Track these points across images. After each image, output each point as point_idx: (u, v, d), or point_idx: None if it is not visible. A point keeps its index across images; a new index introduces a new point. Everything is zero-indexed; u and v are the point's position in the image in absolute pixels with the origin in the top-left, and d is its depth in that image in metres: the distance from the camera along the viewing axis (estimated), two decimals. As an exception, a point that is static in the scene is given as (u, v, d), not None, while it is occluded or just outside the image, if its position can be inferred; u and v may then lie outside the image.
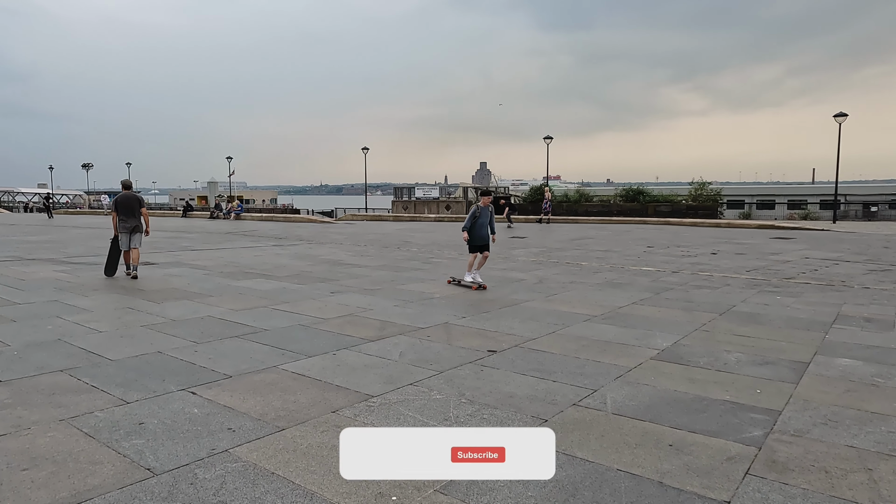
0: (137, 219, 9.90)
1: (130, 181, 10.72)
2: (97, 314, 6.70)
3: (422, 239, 18.98)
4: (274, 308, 7.14)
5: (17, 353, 5.02)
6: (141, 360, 4.89)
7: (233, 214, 35.26)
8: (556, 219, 29.90)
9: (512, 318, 6.65)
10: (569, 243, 17.34)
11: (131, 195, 10.08)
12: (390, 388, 4.23)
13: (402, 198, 46.14)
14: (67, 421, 3.56)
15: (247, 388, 4.19)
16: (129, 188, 10.31)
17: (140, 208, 10.03)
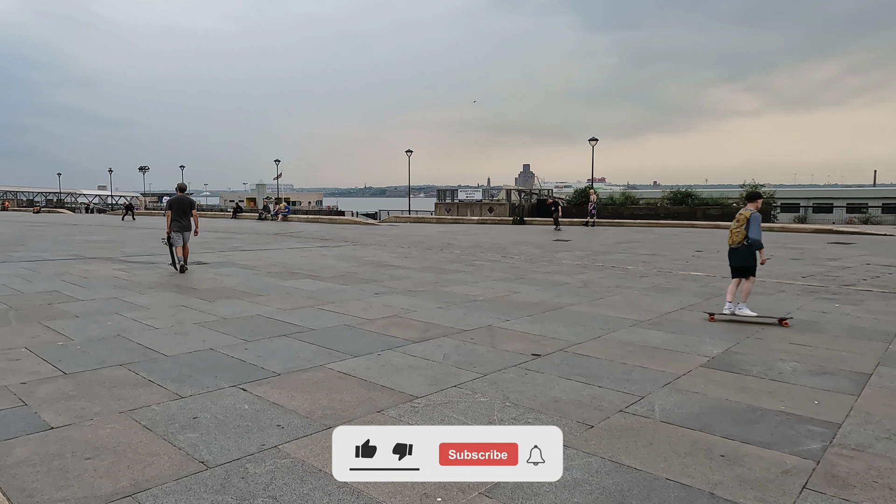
0: (188, 219, 10.72)
1: (185, 185, 11.63)
2: (153, 311, 6.97)
3: (465, 241, 18.99)
4: (320, 308, 7.27)
5: (81, 348, 5.27)
6: (194, 356, 5.06)
7: (280, 216, 36.10)
8: (601, 222, 29.45)
9: (556, 322, 6.58)
10: (614, 247, 17.05)
11: (184, 198, 11.01)
12: (434, 389, 4.25)
13: (445, 200, 46.25)
14: (127, 413, 3.71)
15: (294, 386, 4.28)
16: (183, 191, 11.33)
17: (191, 210, 10.86)
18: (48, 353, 5.07)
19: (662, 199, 40.25)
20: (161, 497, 2.69)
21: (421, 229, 27.09)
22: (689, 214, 33.72)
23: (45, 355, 4.99)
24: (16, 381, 4.30)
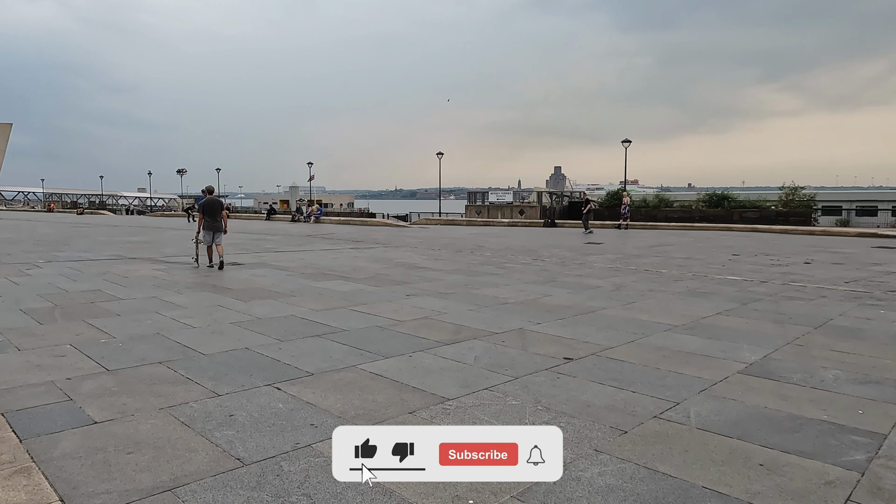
0: (219, 220, 11.51)
1: (213, 187, 12.32)
2: (191, 311, 7.14)
3: (495, 244, 18.95)
4: (352, 309, 7.34)
5: (122, 345, 5.43)
6: (230, 355, 5.16)
7: (312, 218, 36.59)
8: (634, 224, 29.04)
9: (588, 326, 6.52)
10: (647, 250, 16.79)
11: (215, 200, 11.86)
12: (466, 391, 4.25)
13: (476, 202, 46.29)
14: (166, 410, 3.81)
15: (327, 386, 4.34)
16: (212, 193, 12.18)
17: (221, 211, 11.68)
18: (91, 350, 5.24)
19: (697, 201, 39.50)
20: (199, 492, 2.75)
21: (451, 231, 27.13)
22: (725, 217, 33.00)
23: (88, 352, 5.16)
24: (62, 376, 4.46)
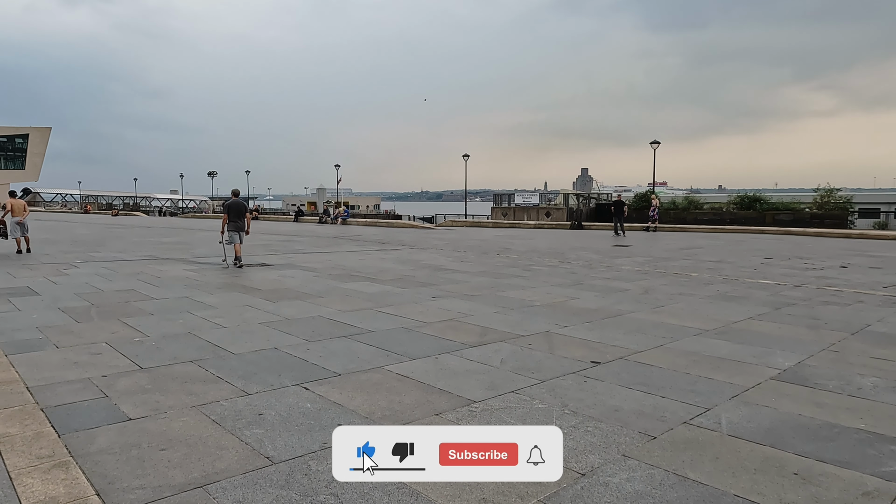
0: (242, 220, 12.17)
1: (239, 191, 13.08)
2: (221, 311, 7.27)
3: (521, 246, 18.87)
4: (378, 310, 7.39)
5: (155, 344, 5.55)
6: (259, 354, 5.24)
7: (339, 220, 36.93)
8: (662, 227, 28.63)
9: (616, 330, 6.44)
10: (677, 253, 16.54)
11: (238, 201, 12.53)
12: (492, 394, 4.24)
13: (502, 204, 46.13)
14: (197, 408, 3.89)
15: (354, 387, 4.37)
16: (237, 196, 12.83)
17: (244, 212, 12.30)
18: (126, 348, 5.37)
19: (728, 203, 38.72)
20: (230, 490, 2.80)
21: (477, 233, 27.10)
22: (757, 220, 32.31)
23: (123, 350, 5.29)
24: (98, 374, 4.58)
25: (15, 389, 4.17)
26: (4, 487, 2.79)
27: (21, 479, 2.86)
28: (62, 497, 2.70)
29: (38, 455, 3.12)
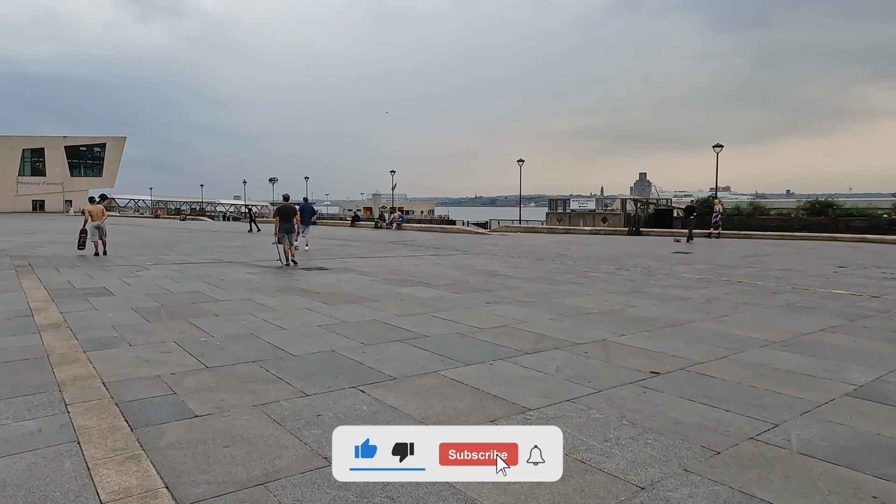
0: (292, 223, 13.19)
1: (289, 195, 14.42)
2: (281, 313, 7.48)
3: (577, 252, 18.58)
4: (433, 315, 7.43)
5: (220, 344, 5.77)
6: (317, 356, 5.36)
7: (394, 225, 37.41)
8: (725, 233, 27.58)
9: (676, 339, 6.25)
10: (741, 260, 15.89)
11: (289, 206, 13.54)
12: (547, 402, 4.19)
13: (557, 210, 45.63)
14: (259, 407, 4.01)
15: (409, 391, 4.41)
16: (288, 200, 13.96)
17: (294, 216, 13.31)
18: (192, 347, 5.61)
19: (797, 209, 36.97)
20: (289, 488, 2.87)
21: (531, 239, 26.88)
22: (829, 226, 30.68)
23: (190, 349, 5.52)
24: (167, 371, 4.80)
25: (92, 384, 4.42)
26: (83, 477, 2.96)
27: (98, 470, 3.02)
28: (134, 488, 2.84)
29: (113, 447, 3.30)
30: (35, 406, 3.97)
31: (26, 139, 78.39)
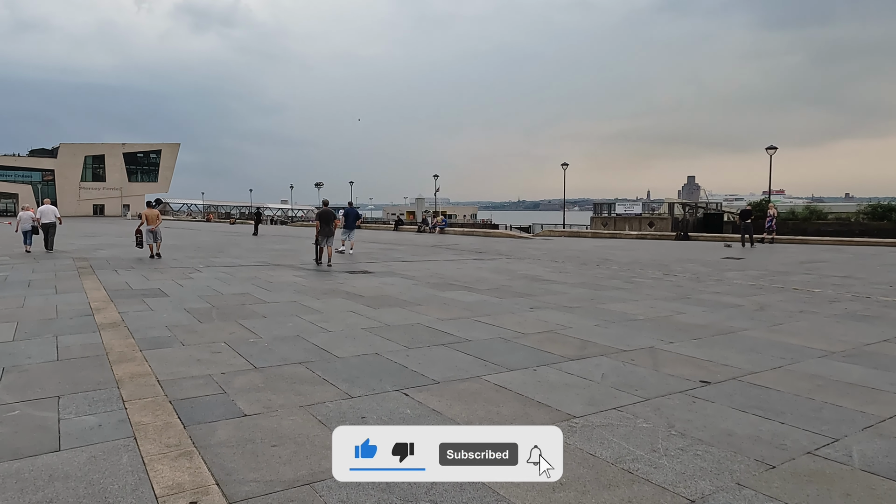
0: (331, 227, 14.19)
1: (328, 200, 15.29)
2: (326, 315, 7.61)
3: (623, 257, 18.24)
4: (476, 320, 7.41)
5: (268, 345, 5.91)
6: (362, 359, 5.42)
7: (437, 229, 37.56)
8: (779, 238, 26.57)
9: (727, 348, 6.05)
10: (796, 266, 15.28)
11: (329, 211, 14.51)
12: (592, 410, 4.12)
13: (602, 214, 44.94)
14: (305, 408, 4.08)
15: (453, 395, 4.41)
16: (327, 205, 14.95)
17: (333, 220, 14.36)
18: (242, 348, 5.76)
19: (857, 213, 35.34)
20: (335, 489, 2.91)
21: (576, 244, 26.54)
22: (892, 231, 29.19)
23: (239, 350, 5.67)
24: (217, 371, 4.94)
25: (148, 382, 4.59)
26: (139, 471, 3.08)
27: (153, 465, 3.13)
28: (187, 484, 2.93)
29: (167, 444, 3.41)
30: (95, 402, 4.15)
31: (88, 146, 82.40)
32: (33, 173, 77.96)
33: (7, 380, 4.66)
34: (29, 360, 5.24)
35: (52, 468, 3.12)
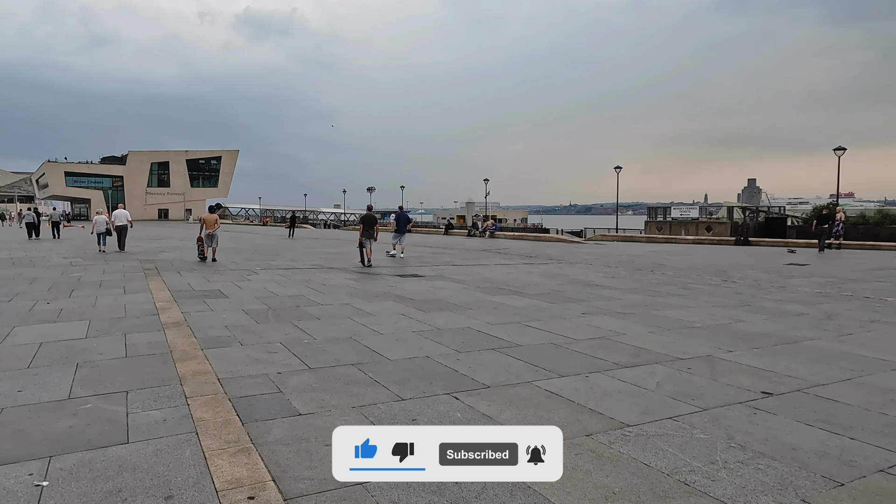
0: (374, 230, 15.13)
1: (372, 205, 16.78)
2: (378, 318, 7.71)
3: (678, 262, 17.73)
4: (526, 324, 7.36)
5: (321, 347, 6.04)
6: (413, 362, 5.47)
7: (487, 233, 37.50)
8: (847, 244, 25.24)
9: (791, 358, 5.79)
10: (867, 273, 14.48)
11: (371, 215, 15.62)
12: (647, 419, 4.02)
13: (656, 218, 43.82)
14: (358, 409, 4.15)
15: (503, 400, 4.39)
16: (370, 210, 16.31)
17: (375, 224, 15.32)
18: (297, 349, 5.91)
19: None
20: (386, 490, 2.95)
21: (629, 248, 25.98)
22: (975, 237, 27.25)
23: (294, 350, 5.82)
24: (273, 371, 5.09)
25: (209, 380, 4.78)
26: (200, 466, 3.21)
27: (213, 460, 3.26)
28: (245, 479, 3.03)
29: (227, 440, 3.54)
30: (160, 398, 4.34)
31: (154, 154, 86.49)
32: (104, 179, 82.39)
33: (81, 374, 4.94)
34: (100, 356, 5.54)
35: (121, 459, 3.29)
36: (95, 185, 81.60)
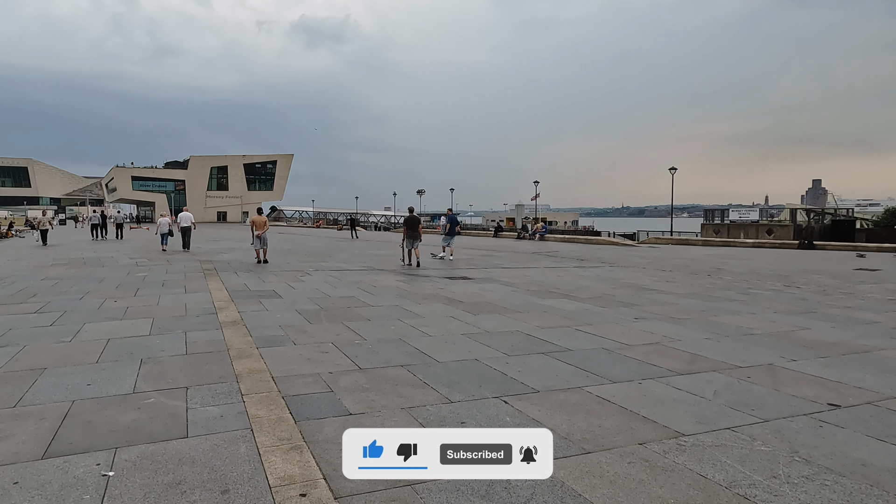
0: (417, 232, 15.69)
1: (413, 208, 17.02)
2: (427, 320, 7.75)
3: (737, 266, 17.09)
4: (577, 329, 7.24)
5: (371, 347, 6.11)
6: (461, 364, 5.47)
7: (537, 235, 37.14)
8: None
9: (860, 369, 5.48)
10: (946, 280, 13.57)
11: (414, 217, 16.20)
12: (703, 428, 3.88)
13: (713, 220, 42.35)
14: (407, 410, 4.18)
15: (553, 405, 4.33)
16: (412, 212, 16.68)
17: (418, 226, 15.85)
18: (348, 349, 6.00)
19: None
20: (435, 492, 2.95)
21: (684, 252, 25.22)
22: None
23: (345, 351, 5.92)
24: (325, 370, 5.18)
25: (263, 378, 4.91)
26: (254, 461, 3.29)
27: (267, 456, 3.34)
28: (297, 476, 3.10)
29: (280, 437, 3.63)
30: (218, 394, 4.49)
31: (214, 158, 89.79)
32: (167, 183, 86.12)
33: (144, 370, 5.17)
34: (162, 353, 5.78)
35: (180, 453, 3.42)
36: (159, 188, 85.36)
